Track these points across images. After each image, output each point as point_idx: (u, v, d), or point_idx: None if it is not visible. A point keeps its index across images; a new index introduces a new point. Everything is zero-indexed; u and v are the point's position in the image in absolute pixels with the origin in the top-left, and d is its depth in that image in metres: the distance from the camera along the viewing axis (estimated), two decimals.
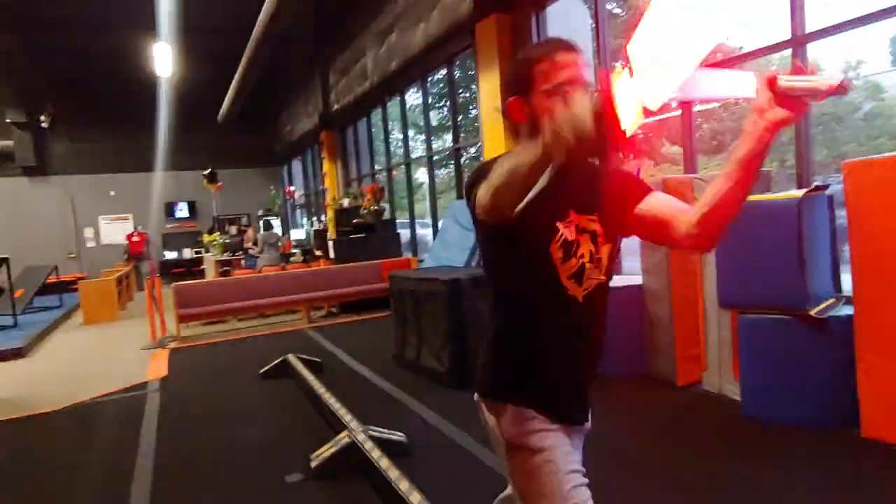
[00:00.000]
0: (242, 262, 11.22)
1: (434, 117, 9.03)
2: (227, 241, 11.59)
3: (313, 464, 3.18)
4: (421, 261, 8.64)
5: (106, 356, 7.22)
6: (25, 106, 14.25)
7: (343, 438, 3.27)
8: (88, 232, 15.76)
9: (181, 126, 15.19)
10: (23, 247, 13.49)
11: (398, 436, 3.40)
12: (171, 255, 16.30)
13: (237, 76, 11.48)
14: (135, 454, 3.61)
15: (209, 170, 12.50)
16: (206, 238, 14.04)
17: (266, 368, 5.28)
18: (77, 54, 12.35)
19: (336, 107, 11.80)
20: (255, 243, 10.88)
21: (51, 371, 6.56)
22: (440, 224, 8.26)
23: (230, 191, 15.68)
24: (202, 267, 13.55)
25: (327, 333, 7.17)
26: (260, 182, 17.06)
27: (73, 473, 3.50)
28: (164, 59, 10.85)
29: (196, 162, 15.48)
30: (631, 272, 4.91)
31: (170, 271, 14.86)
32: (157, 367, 6.15)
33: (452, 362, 4.53)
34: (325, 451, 3.24)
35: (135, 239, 14.71)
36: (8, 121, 14.17)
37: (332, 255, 9.35)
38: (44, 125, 14.64)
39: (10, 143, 14.39)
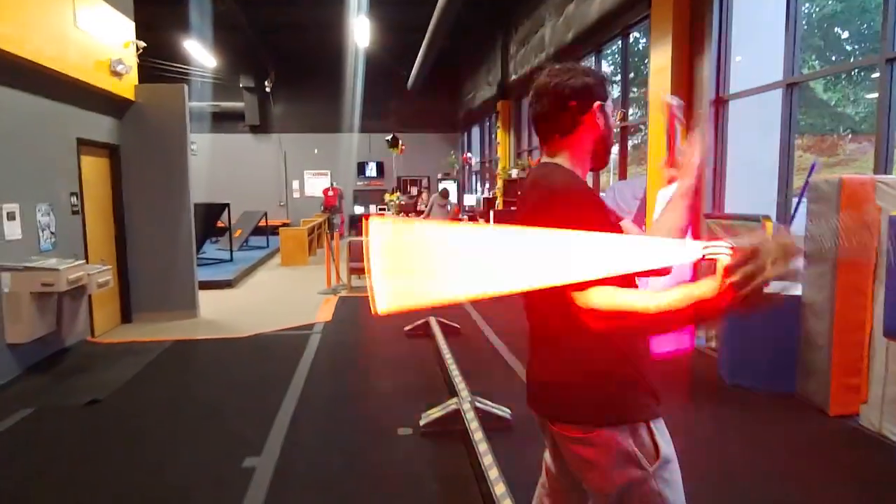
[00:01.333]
0: None
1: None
2: (403, 201, 12.48)
3: (421, 422, 3.51)
4: None
5: (292, 295, 8.42)
6: (254, 73, 16.58)
7: (451, 404, 3.54)
8: (295, 184, 18.05)
9: (374, 92, 16.52)
10: (243, 194, 15.98)
11: (503, 411, 3.56)
12: (359, 209, 17.98)
13: (424, 45, 12.10)
14: (287, 385, 4.29)
15: (391, 135, 13.46)
16: (387, 197, 15.27)
17: (410, 327, 5.77)
18: (293, 27, 13.97)
19: (514, 77, 11.87)
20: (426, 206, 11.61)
21: (249, 302, 7.86)
22: None
23: (414, 154, 16.76)
24: None
25: (478, 301, 7.50)
26: (441, 147, 17.93)
27: (237, 393, 4.28)
28: (362, 30, 11.83)
29: (386, 126, 16.78)
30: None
31: (357, 224, 16.50)
32: (326, 311, 7.04)
33: None
34: (434, 412, 3.54)
35: (329, 193, 16.50)
36: (241, 86, 16.65)
37: (491, 223, 9.63)
38: (267, 89, 16.95)
39: (241, 104, 16.93)
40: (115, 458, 3.26)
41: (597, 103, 1.37)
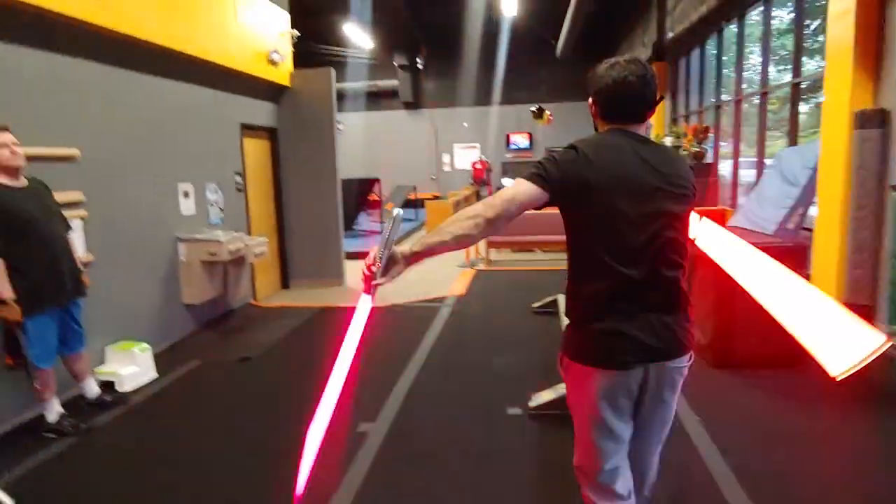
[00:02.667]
0: None
1: (782, 44, 7.55)
2: None
3: (530, 403, 3.46)
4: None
5: (433, 267, 8.67)
6: (407, 50, 17.15)
7: (561, 386, 3.43)
8: (445, 158, 18.50)
9: (522, 62, 16.21)
10: (397, 169, 16.76)
11: None
12: (508, 182, 17.95)
13: (570, 9, 11.54)
14: (410, 356, 4.48)
15: (536, 106, 13.13)
16: None
17: (538, 304, 5.68)
18: (442, 2, 14.13)
19: (670, 35, 10.86)
20: None
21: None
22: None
23: (565, 124, 16.21)
24: None
25: None
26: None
27: (364, 360, 4.54)
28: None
29: (535, 96, 16.42)
30: None
31: None
32: (461, 284, 7.19)
33: (714, 337, 4.12)
34: (546, 394, 3.46)
35: (477, 166, 16.68)
36: (395, 63, 17.34)
37: None
38: (419, 66, 17.45)
39: (396, 82, 17.66)
40: (253, 411, 3.68)
41: None
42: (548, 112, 13.55)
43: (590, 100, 1.77)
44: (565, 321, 1.80)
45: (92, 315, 3.95)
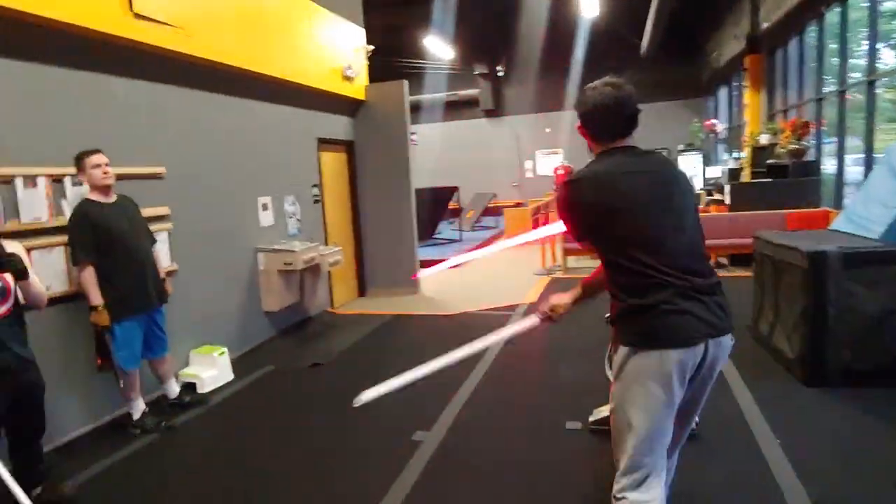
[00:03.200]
0: None
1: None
2: None
3: (590, 418, 3.31)
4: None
5: (508, 275, 8.63)
6: (487, 59, 17.20)
7: None
8: (528, 164, 18.33)
9: (605, 64, 15.72)
10: (479, 177, 16.83)
11: None
12: None
13: (653, 7, 11.08)
14: (474, 365, 4.44)
15: None
16: None
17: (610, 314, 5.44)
18: (518, 9, 14.06)
19: (764, 25, 10.14)
20: None
21: (466, 281, 8.30)
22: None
23: (653, 124, 15.55)
24: None
25: None
26: (684, 114, 16.30)
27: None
28: (588, 1, 11.35)
29: None
30: None
31: None
32: (534, 292, 7.06)
33: (804, 350, 3.76)
34: (605, 409, 3.30)
35: (559, 172, 16.36)
36: (476, 73, 17.45)
37: (727, 199, 8.47)
38: (499, 74, 17.45)
39: (476, 91, 17.75)
40: (315, 417, 3.80)
41: None
42: None
43: (577, 123, 1.98)
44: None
45: (176, 321, 4.27)
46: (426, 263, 8.80)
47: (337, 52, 6.56)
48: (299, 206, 6.05)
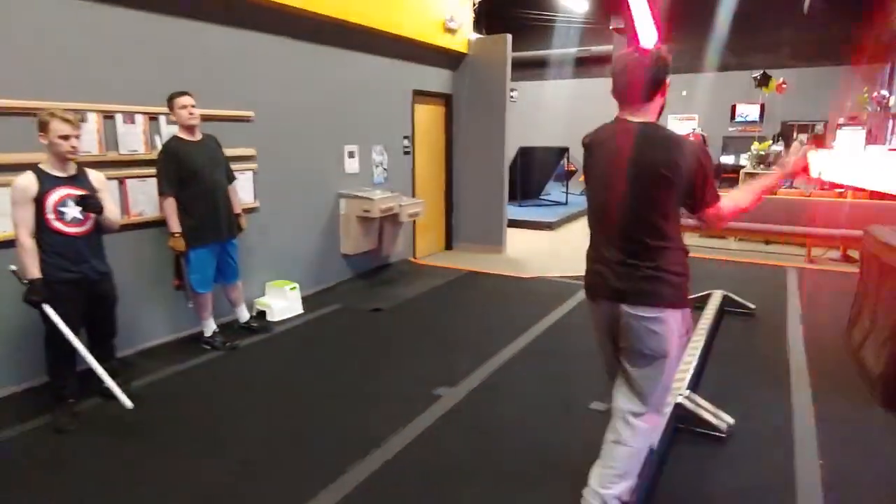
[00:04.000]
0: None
1: None
2: (762, 152, 10.57)
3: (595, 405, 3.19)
4: None
5: None
6: (623, 14, 16.04)
7: None
8: None
9: (759, 22, 14.01)
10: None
11: (722, 419, 2.96)
12: (727, 159, 16.01)
13: None
14: (524, 331, 4.41)
15: (760, 72, 11.34)
16: (755, 145, 13.16)
17: (692, 297, 5.09)
18: None
19: None
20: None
21: (555, 246, 8.11)
22: None
23: (808, 93, 13.82)
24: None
25: (813, 279, 6.04)
26: (850, 83, 14.18)
27: (477, 327, 4.60)
28: None
29: (773, 60, 14.17)
30: None
31: (720, 175, 14.78)
32: None
33: (891, 367, 3.28)
34: None
35: (689, 139, 15.11)
36: (611, 28, 16.38)
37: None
38: None
39: (610, 48, 16.72)
40: (360, 356, 4.03)
41: None
42: (779, 79, 11.64)
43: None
44: (672, 280, 2.03)
45: (255, 254, 4.69)
46: (521, 224, 8.73)
47: (440, 3, 6.50)
48: (387, 156, 6.23)
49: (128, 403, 2.89)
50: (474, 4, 7.13)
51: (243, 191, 4.58)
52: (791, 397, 3.36)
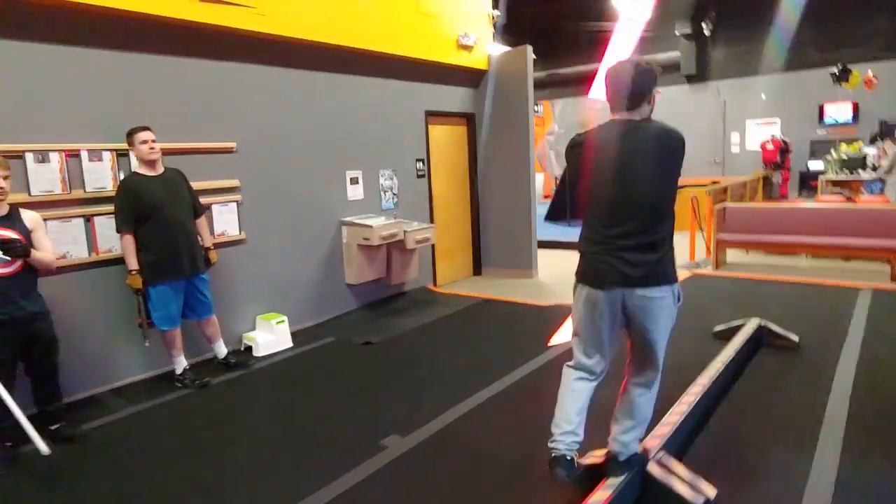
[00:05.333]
0: (863, 186, 8.89)
1: None
2: (848, 155, 9.34)
3: (583, 459, 2.68)
4: None
5: None
6: (691, 17, 15.08)
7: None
8: (734, 137, 15.81)
9: (847, 12, 12.60)
10: None
11: (700, 491, 2.39)
12: (815, 165, 14.44)
13: None
14: (530, 358, 3.96)
15: (839, 66, 10.09)
16: (842, 148, 11.74)
17: (722, 328, 4.40)
18: None
19: None
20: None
21: None
22: None
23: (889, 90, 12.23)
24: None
25: (891, 304, 5.09)
26: None
27: (468, 360, 4.19)
28: None
29: (863, 53, 12.68)
30: None
31: (808, 183, 13.35)
32: None
33: None
34: (600, 453, 2.65)
35: (768, 147, 13.77)
36: (676, 33, 15.44)
37: None
38: (706, 33, 15.18)
39: (676, 54, 15.75)
40: (328, 395, 3.75)
41: None
42: (865, 73, 10.33)
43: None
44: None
45: (245, 287, 4.60)
46: (563, 245, 8.21)
47: (450, 21, 6.25)
48: (397, 181, 6.00)
49: (43, 449, 2.78)
50: (493, 19, 6.82)
51: (227, 223, 4.50)
52: (813, 458, 2.70)
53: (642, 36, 15.49)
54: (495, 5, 7.00)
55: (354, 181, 5.57)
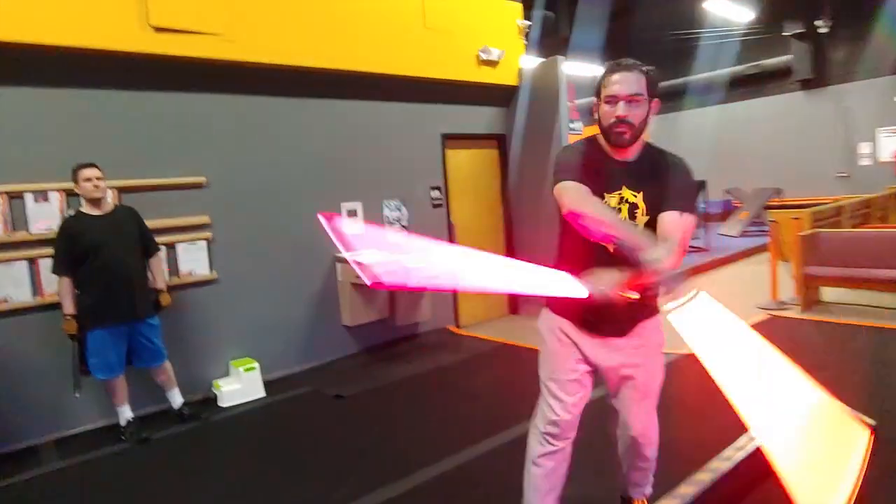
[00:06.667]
0: None
1: None
2: None
3: None
4: None
5: (729, 298, 6.39)
6: (802, 16, 13.26)
7: None
8: (864, 147, 13.55)
9: None
10: (774, 167, 13.30)
11: None
12: None
13: None
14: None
15: None
16: None
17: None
18: None
19: None
20: None
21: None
22: None
23: None
24: None
25: None
26: None
27: (454, 413, 3.51)
28: None
29: None
30: None
31: None
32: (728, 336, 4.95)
33: None
34: None
35: None
36: (785, 34, 13.64)
37: None
38: (821, 31, 13.25)
39: (788, 57, 13.90)
40: (260, 465, 3.26)
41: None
42: None
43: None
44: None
45: (217, 330, 4.30)
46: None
47: (467, 35, 5.69)
48: (406, 211, 5.49)
49: None
50: (523, 31, 6.17)
51: (195, 262, 4.24)
52: None
53: (746, 39, 13.91)
54: (527, 16, 6.35)
55: (352, 213, 5.13)
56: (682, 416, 3.17)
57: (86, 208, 3.58)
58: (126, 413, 3.73)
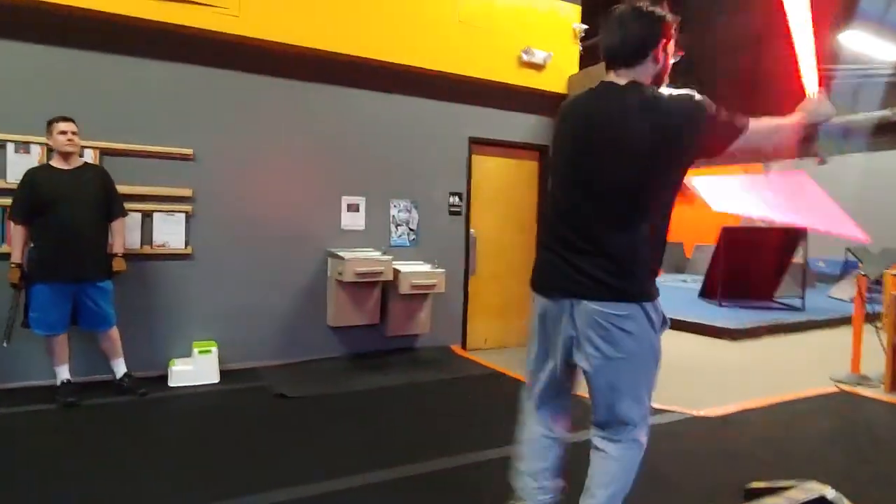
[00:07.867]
0: None
1: None
2: None
3: None
4: None
5: (783, 364, 5.32)
6: None
7: None
8: None
9: None
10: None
11: None
12: None
13: None
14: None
15: None
16: None
17: (759, 485, 2.51)
18: None
19: None
20: None
21: (681, 364, 5.42)
22: None
23: None
24: None
25: None
26: None
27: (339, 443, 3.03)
28: None
29: None
30: None
31: None
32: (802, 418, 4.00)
33: None
34: None
35: None
36: None
37: None
38: None
39: None
40: (165, 452, 2.98)
41: None
42: None
43: None
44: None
45: (186, 307, 4.18)
46: (689, 326, 6.43)
47: (508, 33, 5.23)
48: (416, 214, 5.09)
49: None
50: (578, 34, 5.60)
51: (170, 234, 4.14)
52: None
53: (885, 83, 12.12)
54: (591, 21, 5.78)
55: (353, 208, 4.83)
56: None
57: (55, 161, 3.58)
58: (63, 374, 3.64)
